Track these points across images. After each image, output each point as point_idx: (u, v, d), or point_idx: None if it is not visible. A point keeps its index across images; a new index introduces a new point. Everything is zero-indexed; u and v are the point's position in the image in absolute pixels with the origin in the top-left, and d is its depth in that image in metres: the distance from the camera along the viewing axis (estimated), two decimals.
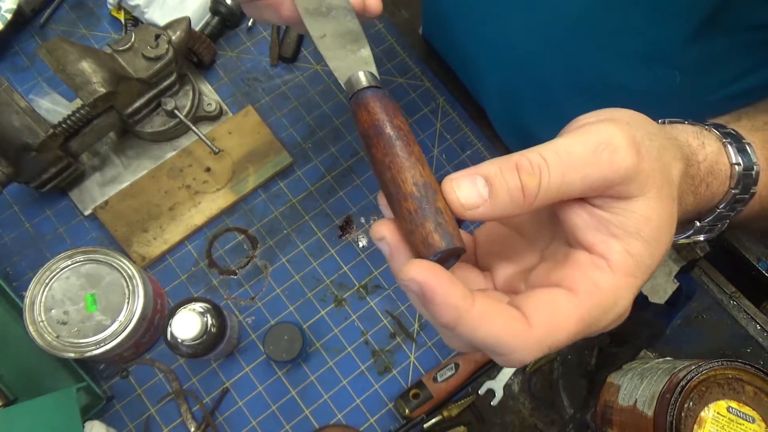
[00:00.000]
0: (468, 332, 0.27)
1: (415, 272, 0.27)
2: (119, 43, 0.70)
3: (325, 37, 0.41)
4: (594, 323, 0.29)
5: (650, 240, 0.29)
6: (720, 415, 0.52)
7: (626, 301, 0.30)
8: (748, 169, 0.40)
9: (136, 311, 0.64)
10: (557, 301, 0.29)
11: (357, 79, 0.36)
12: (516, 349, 0.28)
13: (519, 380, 0.74)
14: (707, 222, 0.41)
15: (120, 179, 0.78)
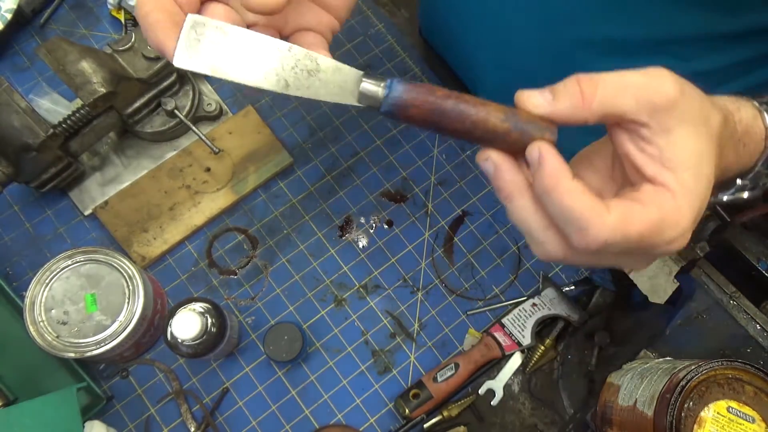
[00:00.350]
0: (558, 198, 0.34)
1: (537, 147, 0.35)
2: (119, 43, 0.70)
3: (289, 87, 0.36)
4: (659, 233, 0.34)
5: (693, 168, 0.35)
6: (720, 415, 0.52)
7: (686, 220, 0.35)
8: None
9: (136, 311, 0.64)
10: (632, 206, 0.34)
11: (368, 91, 0.36)
12: (592, 225, 0.33)
13: (519, 380, 0.74)
14: (748, 180, 0.45)
15: (120, 179, 0.78)
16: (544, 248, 0.37)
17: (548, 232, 0.36)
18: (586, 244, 0.34)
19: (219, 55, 0.35)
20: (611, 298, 0.76)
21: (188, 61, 0.35)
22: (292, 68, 0.36)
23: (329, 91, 0.37)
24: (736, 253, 0.66)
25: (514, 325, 0.75)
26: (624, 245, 0.34)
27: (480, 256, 0.80)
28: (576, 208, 0.33)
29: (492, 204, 0.82)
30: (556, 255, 0.37)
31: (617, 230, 0.33)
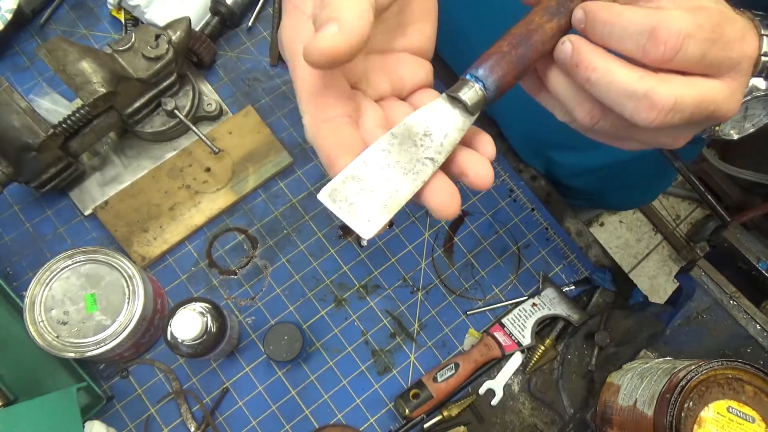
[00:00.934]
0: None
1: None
2: (119, 43, 0.70)
3: (436, 161, 0.37)
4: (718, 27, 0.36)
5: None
6: (720, 415, 0.52)
7: (733, 16, 0.37)
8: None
9: (136, 311, 0.64)
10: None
11: (473, 100, 0.37)
12: (667, 22, 0.34)
13: (519, 380, 0.74)
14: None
15: (120, 179, 0.78)
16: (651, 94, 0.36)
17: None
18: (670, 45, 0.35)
19: (375, 195, 0.35)
20: (611, 298, 0.76)
21: (372, 227, 0.34)
22: (417, 145, 0.36)
23: (452, 131, 0.37)
24: (736, 253, 0.66)
25: (514, 325, 0.75)
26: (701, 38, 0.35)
27: (480, 256, 0.80)
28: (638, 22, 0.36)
29: (492, 204, 0.82)
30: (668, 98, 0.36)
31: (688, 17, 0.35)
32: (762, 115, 0.45)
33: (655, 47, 0.35)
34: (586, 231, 0.83)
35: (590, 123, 0.40)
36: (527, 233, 0.82)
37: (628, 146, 0.42)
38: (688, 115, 0.36)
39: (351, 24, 0.33)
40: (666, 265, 1.98)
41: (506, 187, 0.83)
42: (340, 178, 0.34)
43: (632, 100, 0.36)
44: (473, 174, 0.37)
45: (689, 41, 0.35)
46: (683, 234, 2.03)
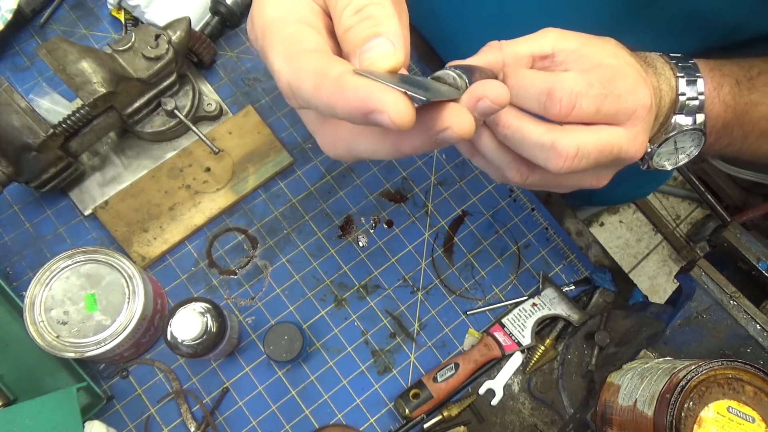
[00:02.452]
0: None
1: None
2: (119, 43, 0.70)
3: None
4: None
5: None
6: (720, 415, 0.52)
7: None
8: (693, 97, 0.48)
9: (136, 311, 0.64)
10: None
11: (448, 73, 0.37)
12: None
13: (519, 380, 0.74)
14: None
15: (120, 179, 0.78)
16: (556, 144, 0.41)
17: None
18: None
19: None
20: (611, 298, 0.76)
21: None
22: None
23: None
24: (736, 253, 0.66)
25: (514, 325, 0.75)
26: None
27: (480, 256, 0.80)
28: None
29: (492, 204, 0.82)
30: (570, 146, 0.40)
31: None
32: (692, 147, 0.50)
33: (553, 105, 0.39)
34: (586, 231, 0.83)
35: (521, 180, 0.45)
36: (527, 233, 0.82)
37: (562, 190, 0.48)
38: (593, 160, 0.40)
39: (401, 36, 0.32)
40: (666, 265, 1.98)
41: (506, 187, 0.83)
42: None
43: (542, 150, 0.40)
44: (492, 94, 0.36)
45: (582, 98, 0.39)
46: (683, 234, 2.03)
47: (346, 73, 0.31)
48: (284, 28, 0.35)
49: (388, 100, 0.29)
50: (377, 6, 0.33)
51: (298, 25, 0.35)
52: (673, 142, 0.48)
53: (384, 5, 0.33)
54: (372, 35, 0.32)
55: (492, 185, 0.83)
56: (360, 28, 0.33)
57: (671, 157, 0.49)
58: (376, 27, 0.32)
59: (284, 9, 0.36)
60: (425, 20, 0.88)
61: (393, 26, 0.33)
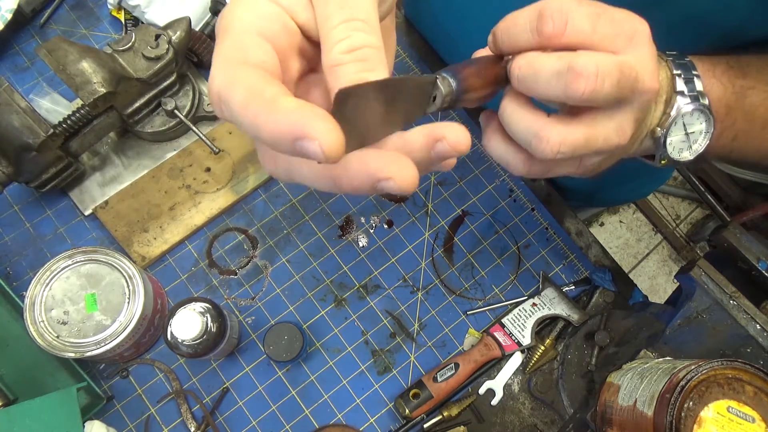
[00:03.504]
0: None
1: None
2: (119, 43, 0.70)
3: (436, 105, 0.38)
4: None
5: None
6: (720, 415, 0.52)
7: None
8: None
9: (136, 311, 0.64)
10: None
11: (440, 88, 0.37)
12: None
13: (519, 380, 0.74)
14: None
15: (120, 179, 0.78)
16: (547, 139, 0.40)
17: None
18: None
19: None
20: (611, 298, 0.76)
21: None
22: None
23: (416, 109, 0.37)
24: (736, 253, 0.66)
25: (514, 325, 0.75)
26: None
27: (480, 256, 0.80)
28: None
29: (492, 204, 0.82)
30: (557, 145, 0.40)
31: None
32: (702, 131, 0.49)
33: (545, 23, 0.37)
34: (586, 231, 0.83)
35: (525, 170, 0.45)
36: (527, 233, 0.82)
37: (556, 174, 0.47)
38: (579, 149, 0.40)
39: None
40: (666, 265, 1.98)
41: (506, 187, 0.83)
42: None
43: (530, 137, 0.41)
44: (452, 136, 0.35)
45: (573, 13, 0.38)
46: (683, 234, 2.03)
47: (281, 95, 0.29)
48: (242, 35, 0.32)
49: (319, 128, 0.27)
50: (374, 50, 0.31)
51: (256, 38, 0.33)
52: (682, 126, 0.47)
53: (380, 50, 0.32)
54: (362, 80, 0.30)
55: (492, 185, 0.83)
56: (351, 69, 0.31)
57: (684, 145, 0.48)
58: (369, 73, 0.31)
59: (255, 16, 0.33)
60: (425, 20, 0.88)
61: (384, 75, 0.31)
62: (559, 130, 0.40)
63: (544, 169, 0.45)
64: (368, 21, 0.32)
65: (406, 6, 0.91)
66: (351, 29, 0.31)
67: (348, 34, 0.31)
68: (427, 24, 0.88)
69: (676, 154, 0.48)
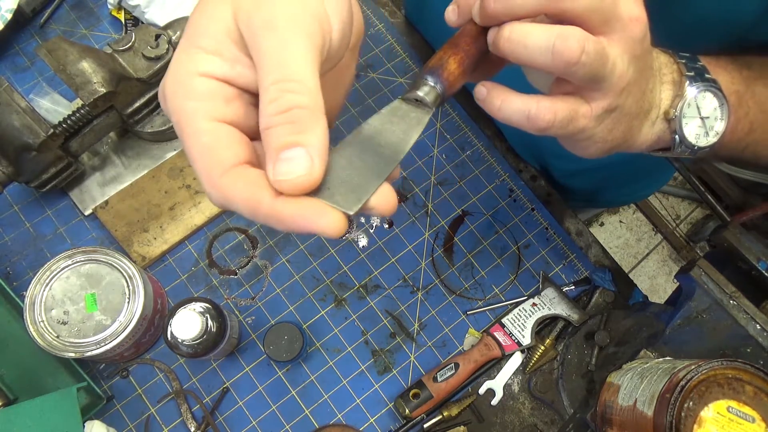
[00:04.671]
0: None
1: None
2: (119, 43, 0.70)
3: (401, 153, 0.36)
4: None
5: None
6: (720, 414, 0.52)
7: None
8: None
9: (136, 311, 0.64)
10: None
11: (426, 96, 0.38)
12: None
13: (519, 380, 0.74)
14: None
15: (120, 179, 0.78)
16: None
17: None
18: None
19: (346, 184, 0.33)
20: (611, 298, 0.76)
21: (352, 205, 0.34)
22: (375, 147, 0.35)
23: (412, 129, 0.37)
24: (736, 253, 0.66)
25: (514, 324, 0.75)
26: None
27: (480, 256, 0.80)
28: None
29: (492, 204, 0.82)
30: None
31: None
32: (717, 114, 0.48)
33: None
34: (586, 231, 0.83)
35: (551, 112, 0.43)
36: (527, 233, 0.82)
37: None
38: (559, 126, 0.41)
39: (320, 151, 0.31)
40: (666, 265, 1.98)
41: (506, 187, 0.83)
42: None
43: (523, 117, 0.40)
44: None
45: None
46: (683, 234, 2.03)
47: (279, 201, 0.31)
48: (198, 125, 0.32)
49: (324, 224, 0.32)
50: (304, 111, 0.30)
51: (211, 125, 0.32)
52: (696, 110, 0.47)
53: (313, 110, 0.31)
54: (291, 144, 0.30)
55: (492, 185, 0.83)
56: (280, 132, 0.30)
57: (701, 131, 0.48)
58: (298, 135, 0.30)
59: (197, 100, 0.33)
60: (426, 20, 0.88)
61: (317, 138, 0.31)
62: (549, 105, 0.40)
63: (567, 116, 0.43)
64: (302, 80, 0.31)
65: (407, 6, 0.91)
66: (282, 90, 0.31)
67: (278, 96, 0.31)
68: (428, 24, 0.88)
69: (692, 140, 0.48)
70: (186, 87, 0.33)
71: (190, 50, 0.33)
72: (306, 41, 0.32)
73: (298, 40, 0.31)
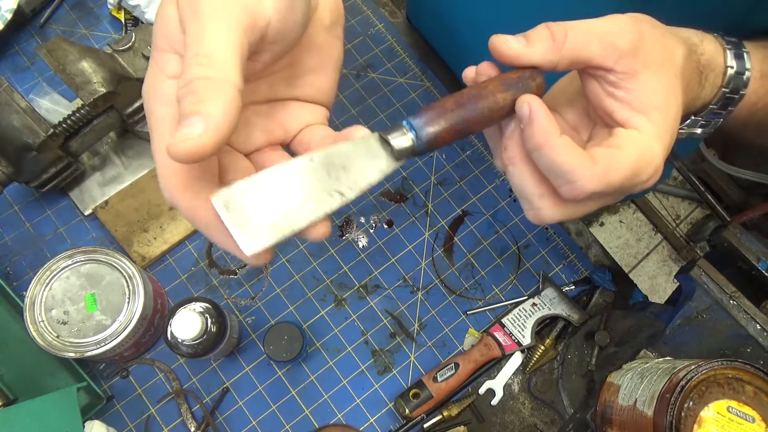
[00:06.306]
0: (550, 154, 0.36)
1: (526, 102, 0.37)
2: (119, 43, 0.70)
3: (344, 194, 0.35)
4: (637, 175, 0.37)
5: (662, 107, 0.38)
6: (720, 414, 0.52)
7: (659, 158, 0.38)
8: (740, 72, 0.45)
9: (136, 311, 0.64)
10: (612, 153, 0.37)
11: (401, 146, 0.36)
12: (582, 177, 0.35)
13: (519, 380, 0.74)
14: (701, 116, 0.47)
15: (120, 179, 0.78)
16: (539, 213, 0.40)
17: (542, 199, 0.39)
18: (575, 195, 0.36)
19: (272, 211, 0.32)
20: (611, 298, 0.76)
21: (258, 243, 0.31)
22: (330, 176, 0.34)
23: (372, 171, 0.35)
24: (736, 253, 0.66)
25: (514, 324, 0.75)
26: (608, 192, 0.37)
27: (480, 256, 0.80)
28: (565, 164, 0.36)
29: (492, 204, 0.82)
30: (551, 219, 0.40)
31: (603, 180, 0.36)
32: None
33: (567, 192, 0.37)
34: (586, 231, 0.83)
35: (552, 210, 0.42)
36: (527, 233, 0.82)
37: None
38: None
39: (217, 120, 0.31)
40: (666, 265, 1.98)
41: (506, 187, 0.83)
42: (242, 186, 0.32)
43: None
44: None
45: (596, 195, 0.37)
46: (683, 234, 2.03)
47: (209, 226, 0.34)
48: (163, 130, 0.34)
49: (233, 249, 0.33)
50: (206, 82, 0.31)
51: (164, 109, 0.34)
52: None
53: (215, 80, 0.31)
54: (191, 113, 0.31)
55: (492, 185, 0.83)
56: (184, 103, 0.31)
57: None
58: (197, 104, 0.31)
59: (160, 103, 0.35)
60: (427, 20, 0.88)
61: (215, 107, 0.31)
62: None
63: (579, 211, 0.41)
64: (210, 55, 0.32)
65: (407, 6, 0.91)
66: (190, 64, 0.32)
67: (187, 69, 0.32)
68: (428, 24, 0.88)
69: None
70: (155, 92, 0.35)
71: (155, 54, 0.35)
72: (226, 23, 0.33)
73: (218, 21, 0.33)
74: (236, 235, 0.32)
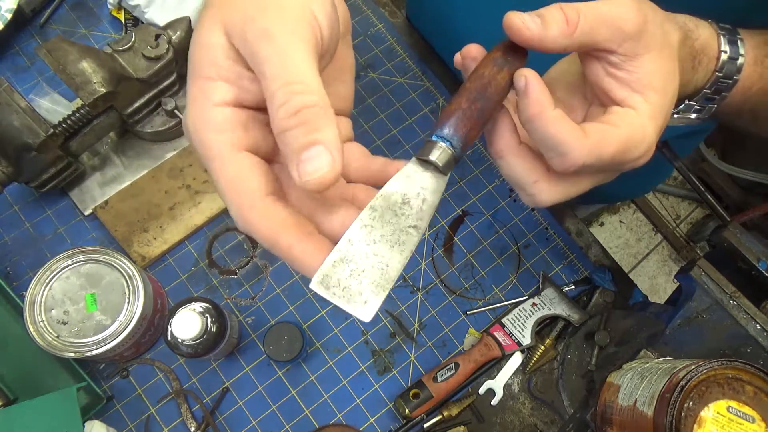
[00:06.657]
0: (543, 125, 0.36)
1: (523, 75, 0.37)
2: (119, 43, 0.70)
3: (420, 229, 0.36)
4: (628, 151, 0.38)
5: (659, 89, 0.39)
6: (720, 414, 0.52)
7: (651, 137, 0.38)
8: (734, 58, 0.46)
9: (136, 311, 0.64)
10: (604, 128, 0.37)
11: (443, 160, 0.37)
12: (573, 149, 0.36)
13: (519, 380, 0.74)
14: (695, 101, 0.48)
15: (120, 179, 0.78)
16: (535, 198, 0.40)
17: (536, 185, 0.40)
18: (566, 167, 0.37)
19: (367, 274, 0.34)
20: (611, 298, 0.76)
21: (370, 308, 0.33)
22: (398, 215, 0.35)
23: (429, 195, 0.36)
24: (736, 253, 0.66)
25: (514, 324, 0.75)
26: (598, 165, 0.37)
27: (480, 256, 0.80)
28: (558, 135, 0.36)
29: (492, 204, 0.82)
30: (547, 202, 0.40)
31: (593, 152, 0.36)
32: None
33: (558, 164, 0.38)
34: (586, 231, 0.83)
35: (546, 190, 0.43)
36: (527, 233, 0.82)
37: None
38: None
39: (337, 146, 0.31)
40: (666, 265, 1.98)
41: (506, 187, 0.83)
42: (329, 262, 0.33)
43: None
44: None
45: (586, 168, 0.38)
46: (683, 234, 2.03)
47: (296, 244, 0.33)
48: (222, 158, 0.35)
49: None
50: (314, 109, 0.31)
51: (235, 156, 0.35)
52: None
53: (322, 107, 0.32)
54: (309, 143, 0.31)
55: (492, 185, 0.83)
56: (296, 134, 0.31)
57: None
58: (314, 134, 0.31)
59: (219, 131, 0.35)
60: (427, 20, 0.88)
61: (331, 133, 0.31)
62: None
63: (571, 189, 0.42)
64: (306, 81, 0.32)
65: (408, 6, 0.91)
66: (289, 93, 0.32)
67: (286, 99, 0.32)
68: (428, 24, 0.88)
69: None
70: (205, 121, 0.35)
71: (198, 82, 0.35)
72: (302, 44, 0.33)
73: (295, 44, 0.32)
74: (348, 309, 0.33)
